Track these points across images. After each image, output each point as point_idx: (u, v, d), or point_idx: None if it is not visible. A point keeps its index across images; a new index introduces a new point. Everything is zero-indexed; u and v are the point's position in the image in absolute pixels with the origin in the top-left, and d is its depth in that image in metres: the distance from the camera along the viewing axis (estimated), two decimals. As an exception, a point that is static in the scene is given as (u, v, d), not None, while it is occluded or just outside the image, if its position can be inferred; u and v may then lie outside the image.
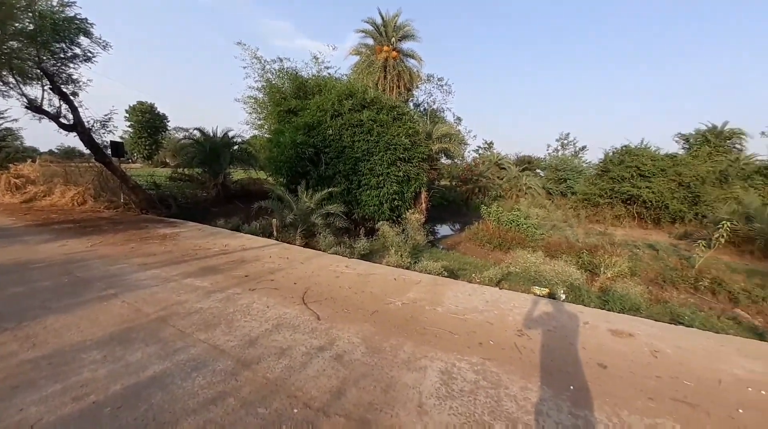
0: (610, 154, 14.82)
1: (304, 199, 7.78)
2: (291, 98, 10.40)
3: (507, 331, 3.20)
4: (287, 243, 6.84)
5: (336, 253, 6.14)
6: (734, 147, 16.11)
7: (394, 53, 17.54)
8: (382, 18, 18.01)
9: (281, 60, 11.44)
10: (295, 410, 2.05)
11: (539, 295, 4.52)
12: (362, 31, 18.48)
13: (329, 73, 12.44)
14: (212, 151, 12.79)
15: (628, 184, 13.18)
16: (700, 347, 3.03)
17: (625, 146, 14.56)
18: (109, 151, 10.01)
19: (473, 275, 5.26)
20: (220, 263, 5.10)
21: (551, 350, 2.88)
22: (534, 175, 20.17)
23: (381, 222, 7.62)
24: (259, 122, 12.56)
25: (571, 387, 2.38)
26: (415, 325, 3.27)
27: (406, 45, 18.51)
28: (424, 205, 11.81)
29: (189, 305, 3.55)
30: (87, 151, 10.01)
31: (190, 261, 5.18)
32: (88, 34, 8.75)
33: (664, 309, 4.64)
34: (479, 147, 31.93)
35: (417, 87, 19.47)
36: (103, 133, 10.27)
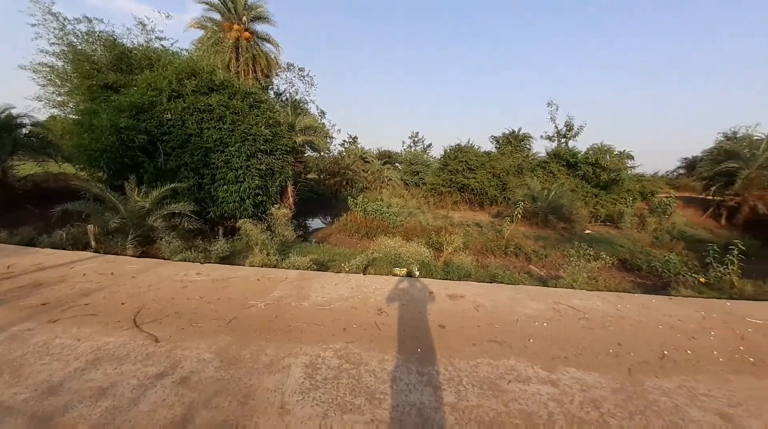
0: (448, 150, 17.85)
1: (136, 197, 6.35)
2: (108, 71, 8.21)
3: (369, 313, 3.46)
4: (113, 254, 5.45)
5: (185, 260, 5.28)
6: (526, 147, 21.88)
7: (247, 34, 15.95)
8: (231, -8, 16.08)
9: (90, 20, 8.85)
10: (122, 457, 1.67)
11: (399, 275, 5.06)
12: (206, 3, 16.02)
13: (163, 45, 10.41)
14: (-27, 135, 8.89)
15: (461, 175, 16.27)
16: (506, 297, 4.01)
17: (458, 144, 17.86)
18: None
19: (342, 265, 5.43)
20: (-4, 293, 3.64)
21: (405, 321, 3.28)
22: (394, 168, 22.26)
23: (243, 220, 6.95)
24: (59, 99, 9.47)
25: (419, 349, 2.78)
26: (280, 324, 3.15)
27: (260, 27, 17.08)
28: (291, 199, 11.44)
29: (-70, 362, 2.40)
30: None
31: (-69, 297, 3.49)
32: None
33: (486, 272, 5.92)
34: (345, 141, 32.82)
35: (276, 75, 18.35)
36: None
